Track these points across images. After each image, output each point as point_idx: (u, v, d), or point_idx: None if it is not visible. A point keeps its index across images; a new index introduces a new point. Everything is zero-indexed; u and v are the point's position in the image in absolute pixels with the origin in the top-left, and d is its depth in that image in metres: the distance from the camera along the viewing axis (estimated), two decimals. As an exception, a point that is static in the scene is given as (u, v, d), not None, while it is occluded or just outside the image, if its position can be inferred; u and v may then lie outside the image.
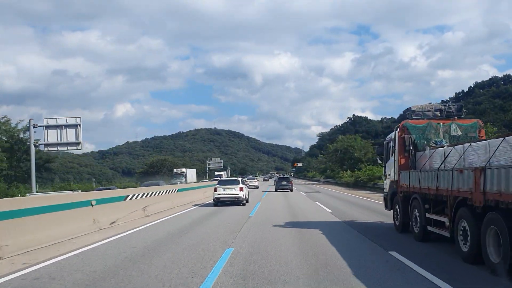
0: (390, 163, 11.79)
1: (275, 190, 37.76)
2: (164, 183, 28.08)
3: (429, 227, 8.82)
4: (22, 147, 40.46)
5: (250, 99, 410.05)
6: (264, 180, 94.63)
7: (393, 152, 11.31)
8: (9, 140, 40.38)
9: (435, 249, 8.41)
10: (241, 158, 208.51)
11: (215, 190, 20.85)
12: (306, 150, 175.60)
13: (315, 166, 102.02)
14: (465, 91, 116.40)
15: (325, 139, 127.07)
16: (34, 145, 28.53)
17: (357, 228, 11.66)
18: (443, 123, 10.52)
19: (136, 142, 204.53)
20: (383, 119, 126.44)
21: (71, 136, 28.06)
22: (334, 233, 10.80)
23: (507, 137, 6.50)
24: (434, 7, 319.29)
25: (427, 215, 8.88)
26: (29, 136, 29.36)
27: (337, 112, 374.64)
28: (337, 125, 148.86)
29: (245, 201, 21.23)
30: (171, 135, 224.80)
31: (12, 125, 40.31)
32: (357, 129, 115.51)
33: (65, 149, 29.49)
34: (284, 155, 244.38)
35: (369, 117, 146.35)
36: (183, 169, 62.77)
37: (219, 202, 20.49)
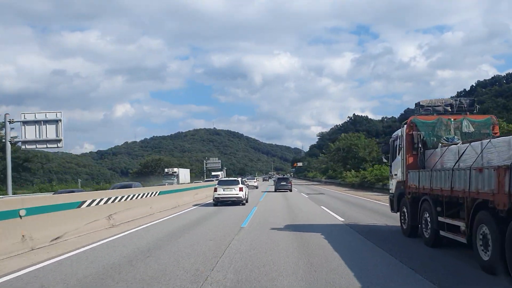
0: (396, 162, 11.05)
1: (274, 190, 37.85)
2: (140, 185, 23.73)
3: (441, 232, 8.07)
4: None
5: (249, 99, 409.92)
6: (263, 180, 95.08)
7: (400, 150, 10.57)
8: None
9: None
10: (241, 158, 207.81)
11: (215, 190, 21.09)
12: (305, 150, 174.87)
13: (316, 166, 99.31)
14: (467, 90, 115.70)
15: (325, 138, 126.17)
16: (10, 142, 25.97)
17: (383, 246, 8.60)
18: (454, 119, 9.78)
19: (135, 142, 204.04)
20: (383, 118, 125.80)
21: (51, 132, 25.39)
22: (357, 257, 7.64)
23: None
24: (434, 7, 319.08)
25: (439, 219, 8.14)
26: (5, 132, 26.78)
27: (337, 112, 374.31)
28: (337, 125, 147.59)
29: (244, 201, 21.44)
30: (170, 135, 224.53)
31: None
32: (358, 129, 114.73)
33: (44, 146, 26.87)
34: (283, 155, 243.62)
35: (369, 117, 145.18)
36: (175, 169, 59.67)
37: (219, 202, 20.73)
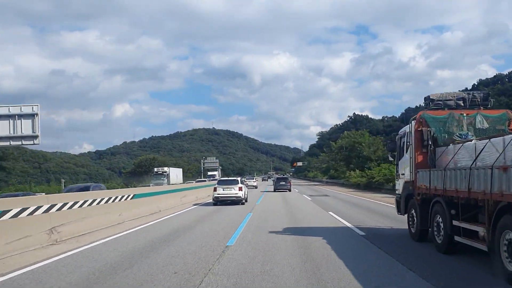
0: (404, 161, 10.29)
1: (273, 190, 37.93)
2: (101, 187, 20.87)
3: (456, 237, 7.32)
4: None
5: (249, 99, 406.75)
6: (262, 180, 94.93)
7: (408, 148, 9.82)
8: None
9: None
10: (240, 158, 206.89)
11: (215, 189, 21.62)
12: (305, 150, 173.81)
13: (317, 165, 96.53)
14: (468, 89, 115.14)
15: (325, 138, 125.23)
16: None
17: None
18: (467, 114, 9.03)
19: (133, 142, 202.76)
20: (384, 117, 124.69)
21: (26, 128, 23.33)
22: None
23: None
24: (433, 7, 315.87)
25: (454, 223, 7.38)
26: None
27: (336, 112, 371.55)
28: (337, 124, 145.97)
29: (244, 201, 21.86)
30: (169, 135, 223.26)
31: None
32: (358, 128, 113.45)
33: (19, 143, 24.84)
34: (283, 155, 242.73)
35: (369, 116, 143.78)
36: (165, 168, 55.84)
37: (219, 201, 21.23)
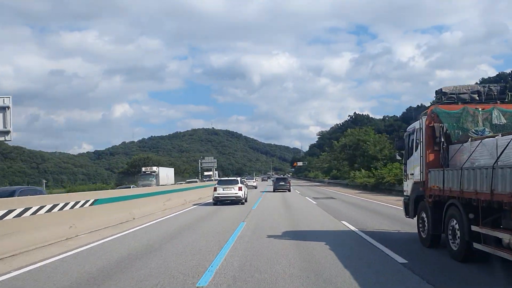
0: (413, 160, 9.54)
1: (273, 190, 37.96)
2: (42, 191, 16.10)
3: (475, 245, 6.58)
4: None
5: (248, 99, 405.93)
6: (262, 180, 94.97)
7: (418, 145, 9.07)
8: None
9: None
10: (239, 158, 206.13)
11: (215, 189, 21.78)
12: (304, 150, 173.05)
13: (318, 165, 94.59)
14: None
15: (325, 138, 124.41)
16: None
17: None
18: (482, 109, 8.31)
19: (132, 142, 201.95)
20: (385, 117, 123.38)
21: None
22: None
23: None
24: (432, 7, 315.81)
25: (472, 228, 6.65)
26: None
27: (335, 112, 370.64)
28: (337, 124, 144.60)
29: (243, 200, 22.02)
30: (168, 135, 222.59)
31: None
32: (359, 128, 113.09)
33: None
34: (282, 155, 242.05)
35: (370, 116, 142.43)
36: (154, 168, 52.80)
37: (219, 201, 21.39)
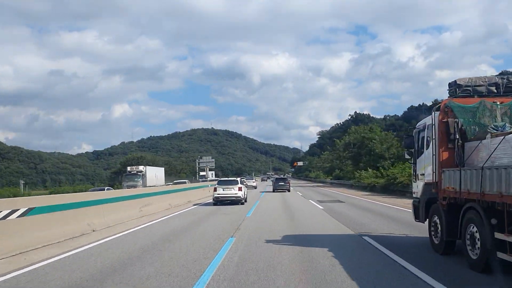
0: (424, 159, 8.77)
1: (272, 190, 37.95)
2: None
3: (499, 254, 5.81)
4: None
5: (248, 99, 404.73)
6: (262, 180, 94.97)
7: (430, 143, 8.30)
8: None
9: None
10: (239, 158, 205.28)
11: (215, 190, 21.86)
12: (304, 150, 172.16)
13: (319, 165, 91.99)
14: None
15: (325, 137, 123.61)
16: None
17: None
18: (501, 102, 7.55)
19: (132, 142, 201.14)
20: (386, 116, 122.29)
21: None
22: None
23: None
24: (432, 7, 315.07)
25: (496, 235, 5.88)
26: None
27: (335, 112, 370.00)
28: (338, 123, 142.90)
29: (243, 201, 22.02)
30: (167, 135, 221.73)
31: None
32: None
33: None
34: (282, 155, 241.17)
35: (371, 115, 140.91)
36: (141, 167, 47.99)
37: (219, 201, 21.40)
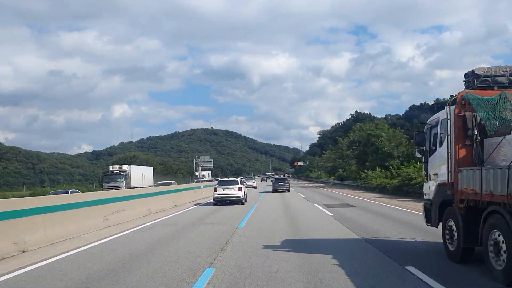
0: (437, 157, 7.97)
1: (272, 190, 37.83)
2: None
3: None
4: None
5: (248, 99, 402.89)
6: (262, 180, 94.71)
7: (444, 140, 7.53)
8: None
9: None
10: (238, 158, 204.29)
11: (215, 190, 21.92)
12: (304, 150, 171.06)
13: (321, 164, 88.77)
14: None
15: (326, 137, 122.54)
16: None
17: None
18: (524, 94, 6.78)
19: (131, 142, 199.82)
20: (387, 116, 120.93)
21: None
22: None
23: None
24: (432, 7, 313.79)
25: (526, 245, 5.11)
26: None
27: (335, 112, 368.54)
28: (339, 123, 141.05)
29: (243, 201, 22.09)
30: (166, 135, 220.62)
31: None
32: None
33: None
34: (282, 155, 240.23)
35: (372, 115, 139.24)
36: (124, 166, 42.45)
37: (219, 201, 21.42)
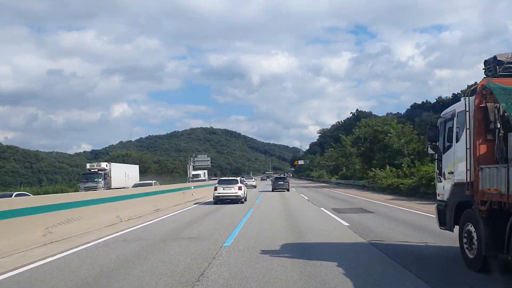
0: (452, 154, 7.19)
1: (271, 190, 37.40)
2: None
3: None
4: None
5: (247, 99, 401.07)
6: (261, 180, 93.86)
7: (461, 134, 6.76)
8: None
9: None
10: (238, 157, 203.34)
11: (215, 189, 21.98)
12: (304, 149, 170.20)
13: (322, 163, 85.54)
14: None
15: (326, 136, 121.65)
16: None
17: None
18: (553, 83, 6.03)
19: (130, 141, 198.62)
20: (388, 114, 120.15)
21: None
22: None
23: None
24: (432, 7, 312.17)
25: None
26: None
27: (335, 112, 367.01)
28: (339, 121, 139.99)
29: (243, 200, 22.15)
30: (166, 134, 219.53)
31: None
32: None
33: None
34: (282, 154, 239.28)
35: (372, 113, 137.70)
36: (103, 164, 36.87)
37: (219, 200, 21.47)
